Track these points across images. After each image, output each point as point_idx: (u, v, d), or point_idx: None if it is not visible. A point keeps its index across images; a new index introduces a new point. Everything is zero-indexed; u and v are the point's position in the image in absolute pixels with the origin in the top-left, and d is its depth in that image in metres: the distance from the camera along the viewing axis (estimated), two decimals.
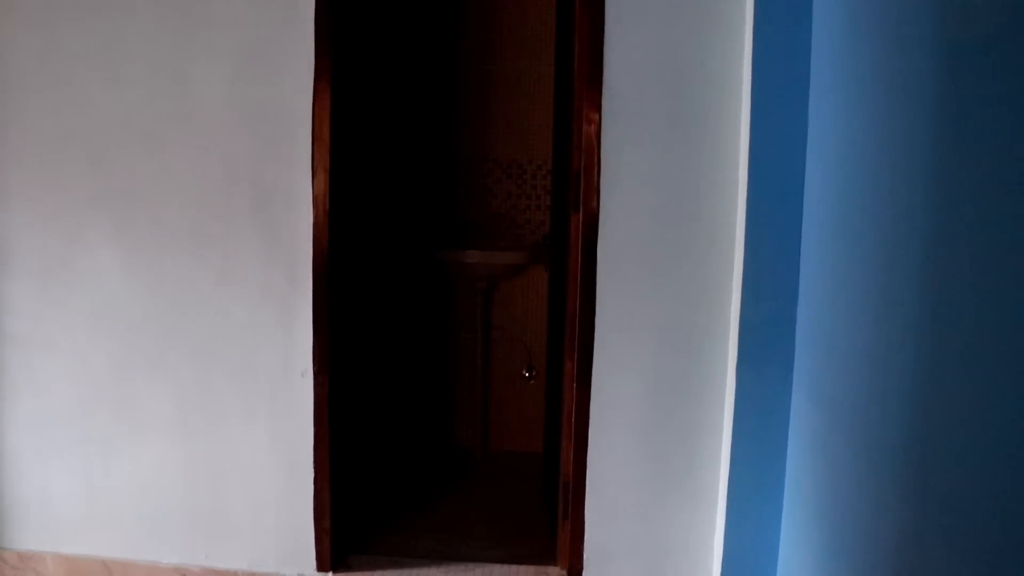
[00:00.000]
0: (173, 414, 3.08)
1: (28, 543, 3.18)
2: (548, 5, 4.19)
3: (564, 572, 3.09)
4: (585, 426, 2.91)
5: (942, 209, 1.72)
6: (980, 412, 1.50)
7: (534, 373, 4.46)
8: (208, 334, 3.03)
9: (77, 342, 3.08)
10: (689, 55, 2.78)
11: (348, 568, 3.19)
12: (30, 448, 3.13)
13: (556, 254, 3.46)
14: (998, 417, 1.43)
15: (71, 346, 3.09)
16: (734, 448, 2.74)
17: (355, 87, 3.37)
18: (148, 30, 2.96)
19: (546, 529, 3.50)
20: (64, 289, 3.07)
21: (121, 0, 2.96)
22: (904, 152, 1.91)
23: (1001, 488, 1.40)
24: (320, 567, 3.10)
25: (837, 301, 2.34)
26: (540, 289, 4.40)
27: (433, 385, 4.61)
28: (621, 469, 2.95)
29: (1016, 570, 1.34)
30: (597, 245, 2.84)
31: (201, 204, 2.99)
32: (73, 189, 3.04)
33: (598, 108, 2.76)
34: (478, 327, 4.45)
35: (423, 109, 4.43)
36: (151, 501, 3.12)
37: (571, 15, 3.05)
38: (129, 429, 3.10)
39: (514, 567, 3.24)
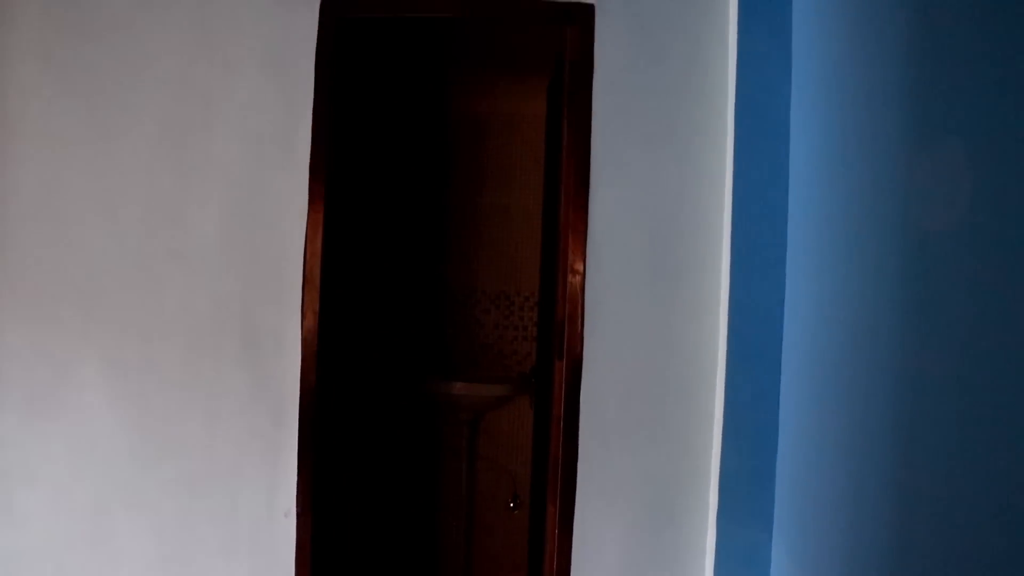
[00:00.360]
0: (152, 552, 3.04)
1: None
2: (536, 142, 4.32)
3: None
4: (566, 573, 2.90)
5: (909, 375, 1.78)
6: None
7: (519, 501, 4.43)
8: (192, 471, 3.03)
9: (59, 476, 3.07)
10: (671, 208, 2.88)
11: None
12: None
13: (541, 392, 3.49)
14: None
15: (52, 480, 3.07)
16: None
17: (347, 223, 3.46)
18: (146, 170, 3.04)
19: None
20: (49, 422, 3.06)
21: (120, 140, 3.05)
22: (873, 319, 1.98)
23: None
24: None
25: (814, 458, 2.37)
26: (526, 418, 4.41)
27: (418, 513, 4.57)
28: None
29: None
30: (580, 392, 2.88)
31: (191, 342, 3.03)
32: (64, 322, 3.07)
33: (583, 259, 2.84)
34: (463, 457, 4.45)
35: (413, 241, 4.51)
36: None
37: (558, 157, 3.16)
38: (107, 566, 3.05)
39: None
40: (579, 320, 2.85)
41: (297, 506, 2.98)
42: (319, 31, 2.96)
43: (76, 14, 3.09)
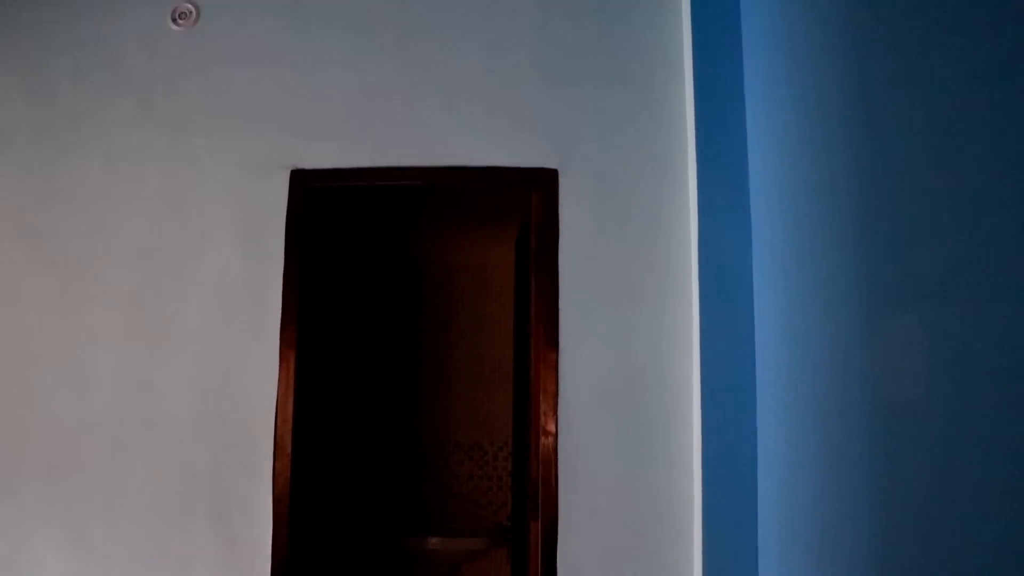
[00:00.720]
0: None
1: None
2: (505, 289, 4.37)
3: None
4: None
5: (880, 538, 1.78)
6: None
7: None
8: None
9: None
10: (641, 366, 2.90)
11: None
12: None
13: (517, 550, 3.43)
14: None
15: None
16: None
17: (319, 381, 3.44)
18: (115, 339, 3.04)
19: None
20: None
21: (90, 308, 3.07)
22: (845, 484, 1.99)
23: None
24: None
25: None
26: (505, 571, 4.32)
27: None
28: None
29: None
30: (557, 553, 2.83)
31: (159, 512, 2.96)
32: (26, 495, 3.00)
33: (555, 420, 2.84)
34: None
35: (386, 394, 4.50)
36: None
37: (527, 313, 3.18)
38: None
39: None
40: (553, 481, 2.83)
41: None
42: (288, 200, 3.03)
43: (48, 184, 3.17)
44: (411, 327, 4.56)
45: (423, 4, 3.17)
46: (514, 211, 3.92)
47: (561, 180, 2.99)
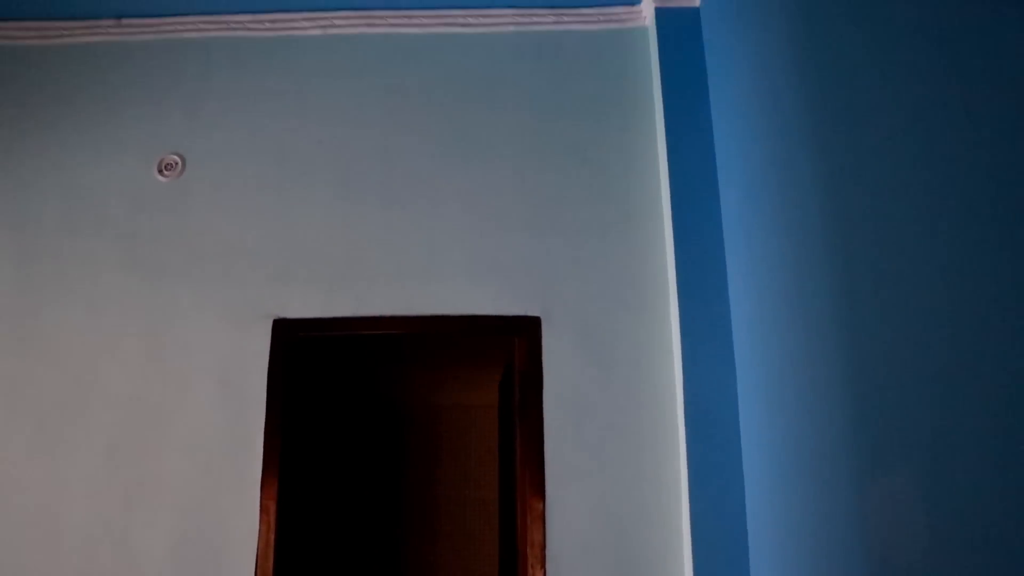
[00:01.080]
0: None
1: None
2: (490, 431, 4.33)
3: None
4: None
5: None
6: None
7: None
8: None
9: None
10: (629, 515, 2.86)
11: None
12: None
13: None
14: None
15: None
16: None
17: (301, 533, 3.36)
18: (90, 489, 2.97)
19: None
20: None
21: (66, 460, 3.00)
22: None
23: None
24: None
25: None
26: None
27: None
28: None
29: None
30: None
31: None
32: None
33: (543, 573, 2.77)
34: None
35: (371, 541, 4.40)
36: None
37: (512, 459, 3.14)
38: None
39: None
40: None
41: None
42: (271, 351, 3.02)
43: (29, 330, 3.15)
44: (395, 469, 4.49)
45: (405, 155, 3.24)
46: (498, 352, 3.91)
47: (544, 327, 3.00)
